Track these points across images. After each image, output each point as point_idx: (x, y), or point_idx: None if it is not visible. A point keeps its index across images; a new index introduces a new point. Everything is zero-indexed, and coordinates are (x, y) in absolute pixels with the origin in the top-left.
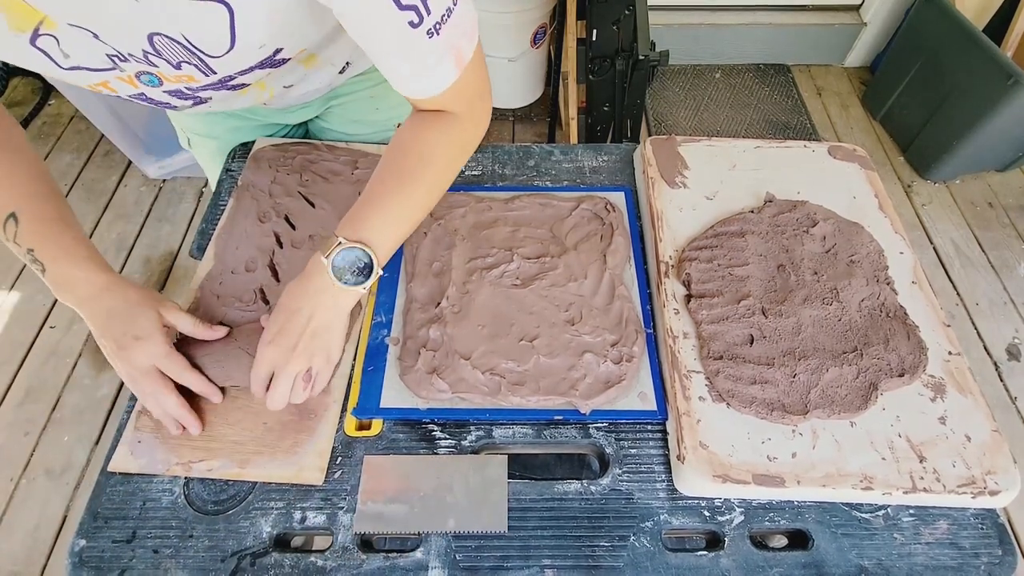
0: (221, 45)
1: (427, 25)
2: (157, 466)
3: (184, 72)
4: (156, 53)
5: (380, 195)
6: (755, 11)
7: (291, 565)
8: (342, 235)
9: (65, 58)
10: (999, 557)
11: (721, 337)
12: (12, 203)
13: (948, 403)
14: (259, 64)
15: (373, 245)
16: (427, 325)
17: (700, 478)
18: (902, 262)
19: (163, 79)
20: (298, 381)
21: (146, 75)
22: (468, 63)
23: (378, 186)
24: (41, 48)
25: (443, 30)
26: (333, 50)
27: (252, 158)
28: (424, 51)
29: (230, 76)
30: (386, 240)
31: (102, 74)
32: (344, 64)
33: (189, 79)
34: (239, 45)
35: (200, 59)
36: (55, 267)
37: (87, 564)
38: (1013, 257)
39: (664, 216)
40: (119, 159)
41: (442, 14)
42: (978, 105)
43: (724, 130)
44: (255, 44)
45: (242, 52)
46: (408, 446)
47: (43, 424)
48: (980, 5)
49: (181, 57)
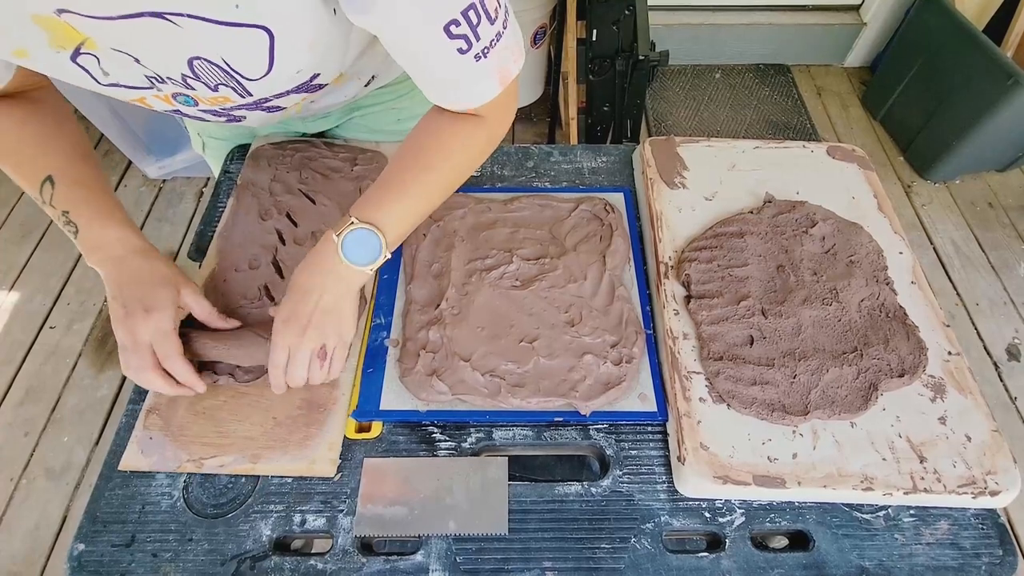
0: (259, 68)
1: (475, 50)
2: (168, 463)
3: (221, 94)
4: (195, 76)
5: (397, 182)
6: (755, 11)
7: (291, 568)
8: (355, 215)
9: (104, 75)
10: (1000, 557)
11: (721, 338)
12: (50, 166)
13: (948, 403)
14: (296, 88)
15: (384, 228)
16: (427, 327)
17: (701, 479)
18: (901, 262)
19: (199, 100)
20: (314, 359)
21: (182, 96)
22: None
23: (396, 172)
24: (81, 65)
25: (491, 54)
26: (360, 65)
27: (251, 157)
28: (471, 73)
29: (265, 99)
30: (397, 226)
31: (139, 91)
32: (370, 78)
33: (225, 100)
34: (277, 69)
35: (238, 82)
36: (89, 229)
37: (86, 568)
38: (1013, 257)
39: (663, 217)
40: (119, 159)
41: (491, 39)
42: (978, 105)
43: (724, 130)
44: (293, 69)
45: (279, 76)
46: (408, 448)
47: (43, 424)
48: (980, 5)
49: (219, 80)
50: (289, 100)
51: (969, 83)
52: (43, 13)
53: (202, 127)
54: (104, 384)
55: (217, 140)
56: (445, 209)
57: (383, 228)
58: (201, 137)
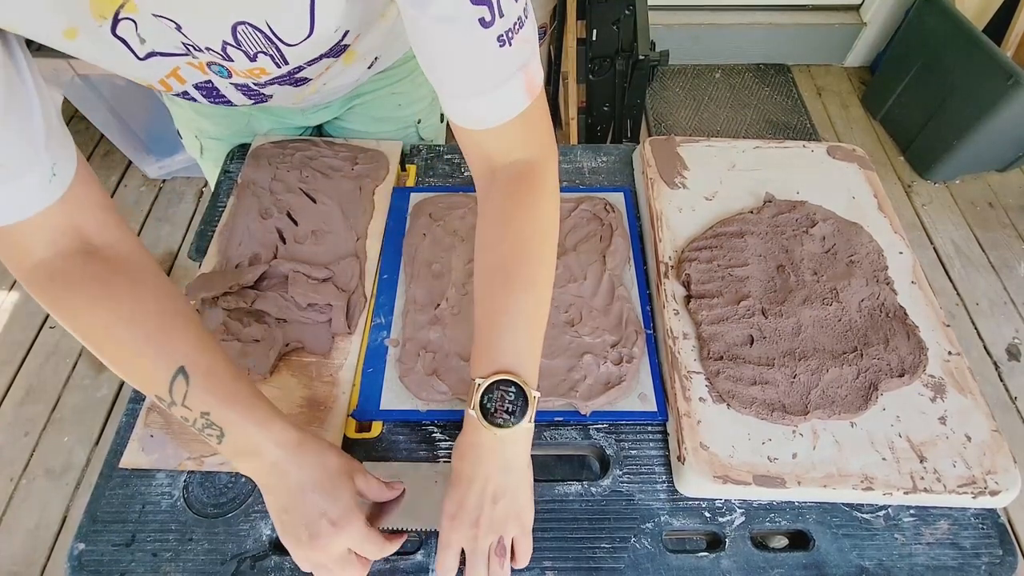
0: (300, 31)
1: (498, 29)
2: (169, 461)
3: (258, 64)
4: (236, 44)
5: (496, 312)
6: (755, 11)
7: (291, 568)
8: (478, 376)
9: (142, 43)
10: (1000, 557)
11: (721, 338)
12: (180, 356)
13: (948, 403)
14: (328, 52)
15: (512, 369)
16: (427, 326)
17: (701, 479)
18: (902, 262)
19: (232, 72)
20: (493, 558)
21: (217, 66)
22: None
23: (492, 303)
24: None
25: (515, 40)
26: (366, 44)
27: (251, 156)
28: (493, 60)
29: (299, 67)
30: (521, 354)
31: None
32: (373, 59)
33: (260, 72)
34: (317, 31)
35: (277, 48)
36: (237, 430)
37: (86, 568)
38: (1013, 257)
39: (663, 216)
40: (119, 159)
41: (514, 22)
42: (978, 105)
43: (724, 130)
44: (331, 28)
45: (318, 39)
46: (408, 448)
47: (43, 424)
48: (980, 5)
49: (259, 47)
50: (316, 69)
51: (969, 83)
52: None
53: (201, 129)
54: (104, 384)
55: (215, 141)
56: (445, 209)
57: (513, 369)
58: (199, 140)
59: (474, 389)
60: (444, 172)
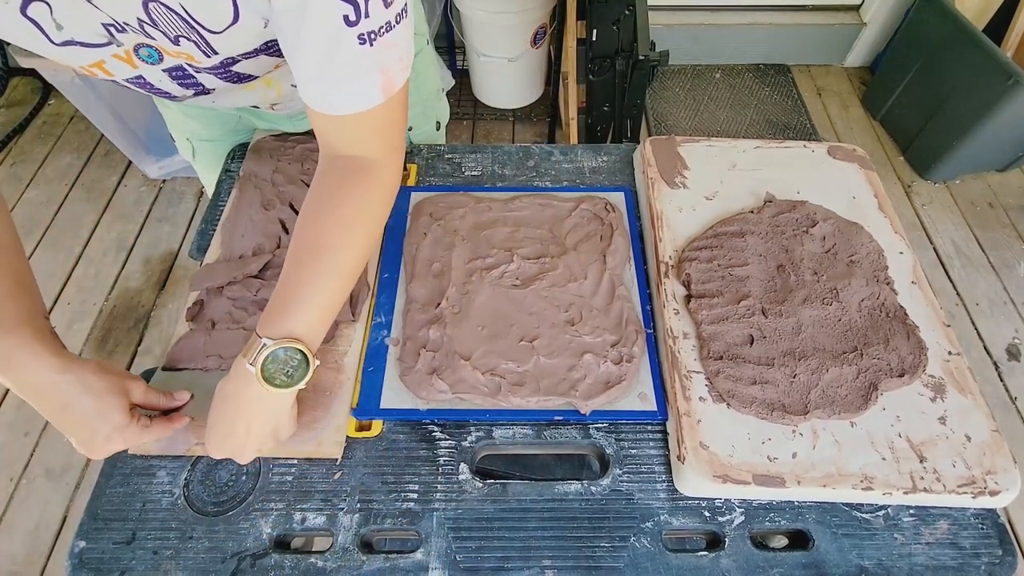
0: (223, 18)
1: (361, 28)
2: (178, 447)
3: (183, 49)
4: (152, 23)
5: (300, 282)
6: (755, 11)
7: (291, 566)
8: (265, 335)
9: (58, 30)
10: (999, 557)
11: (721, 337)
12: None
13: (948, 403)
14: (264, 47)
15: (302, 338)
16: (427, 326)
17: (700, 478)
18: (902, 262)
19: (163, 53)
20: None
21: (145, 48)
22: (396, 95)
23: (296, 271)
24: (31, 18)
25: (376, 43)
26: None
27: (252, 149)
28: (351, 56)
29: (232, 59)
30: (314, 327)
31: (97, 51)
32: None
33: (189, 57)
34: (243, 19)
35: (199, 35)
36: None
37: (87, 565)
38: (1013, 257)
39: (664, 216)
40: (119, 159)
41: (380, 25)
42: (978, 105)
43: (724, 130)
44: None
45: (245, 29)
46: (408, 447)
47: (43, 424)
48: (980, 5)
49: (179, 31)
50: (257, 65)
51: (969, 83)
52: None
53: (192, 131)
54: None
55: (208, 143)
56: (446, 208)
57: (301, 337)
58: (191, 142)
59: (258, 347)
60: (444, 171)
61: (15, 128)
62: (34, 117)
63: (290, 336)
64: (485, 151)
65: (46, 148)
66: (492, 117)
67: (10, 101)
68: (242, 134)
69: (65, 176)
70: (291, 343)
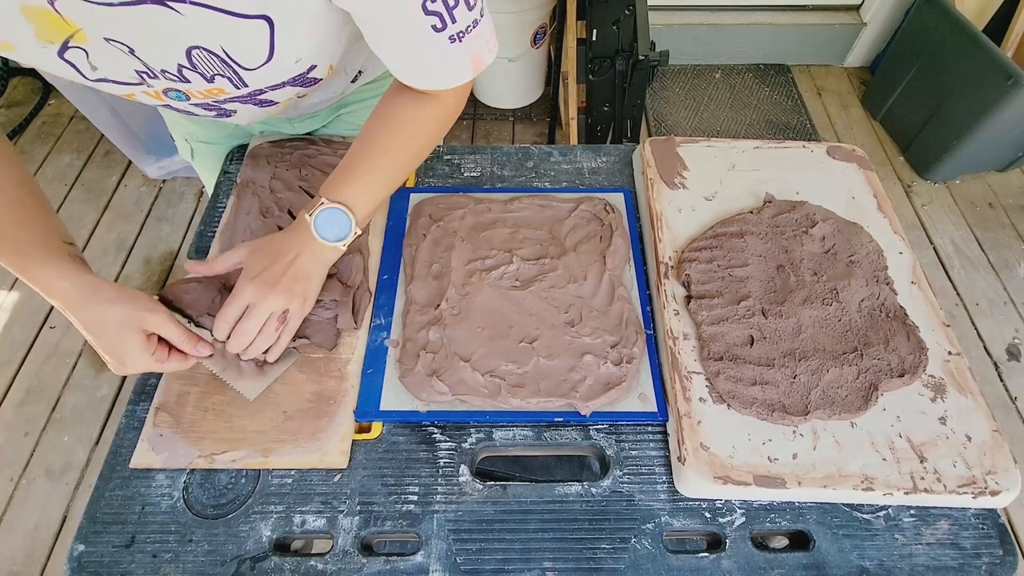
0: (258, 57)
1: (450, 32)
2: (180, 460)
3: (216, 85)
4: (191, 67)
5: (363, 162)
6: (755, 11)
7: (291, 569)
8: (325, 196)
9: (93, 70)
10: (1000, 557)
11: (721, 338)
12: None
13: (948, 403)
14: (292, 80)
15: (353, 207)
16: (427, 327)
17: (701, 479)
18: (901, 262)
19: (191, 95)
20: (271, 320)
21: (173, 92)
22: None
23: (361, 153)
24: (69, 60)
25: (466, 39)
26: (348, 59)
27: (250, 155)
28: (443, 54)
29: (260, 90)
30: (365, 204)
31: (128, 87)
32: (356, 73)
33: (219, 92)
34: (277, 57)
35: (234, 71)
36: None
37: (86, 569)
38: (1013, 257)
39: (663, 217)
40: (119, 159)
41: (468, 25)
42: (978, 105)
43: (724, 130)
44: (292, 58)
45: (279, 65)
46: (408, 448)
47: (43, 424)
48: (980, 5)
49: (216, 70)
50: (282, 93)
51: (969, 83)
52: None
53: (190, 132)
54: (104, 384)
55: (206, 144)
56: (445, 209)
57: (352, 207)
58: (189, 143)
59: (318, 204)
60: (444, 172)
61: (15, 128)
62: (34, 117)
63: (345, 203)
64: (484, 152)
65: (46, 148)
66: (492, 117)
67: (10, 101)
68: (240, 137)
69: (65, 176)
70: (343, 208)
